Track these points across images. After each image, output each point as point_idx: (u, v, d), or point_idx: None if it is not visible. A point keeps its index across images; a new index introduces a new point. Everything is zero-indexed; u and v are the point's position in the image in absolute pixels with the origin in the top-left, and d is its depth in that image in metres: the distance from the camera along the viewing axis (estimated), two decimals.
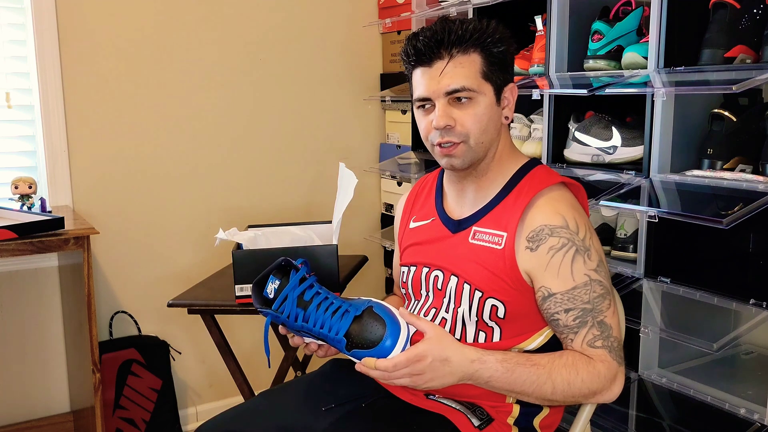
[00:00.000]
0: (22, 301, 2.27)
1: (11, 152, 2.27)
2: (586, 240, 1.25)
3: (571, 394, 1.22)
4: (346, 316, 1.20)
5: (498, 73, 1.28)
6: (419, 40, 1.26)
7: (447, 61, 1.24)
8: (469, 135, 1.26)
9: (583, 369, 1.22)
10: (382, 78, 2.77)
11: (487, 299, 1.28)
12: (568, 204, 1.27)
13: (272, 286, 1.25)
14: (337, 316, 1.20)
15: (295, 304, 1.23)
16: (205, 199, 2.50)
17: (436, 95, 1.26)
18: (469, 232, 1.33)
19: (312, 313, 1.22)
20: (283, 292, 1.24)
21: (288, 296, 1.23)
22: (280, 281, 1.26)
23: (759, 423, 1.43)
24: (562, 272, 1.23)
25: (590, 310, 1.23)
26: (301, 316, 1.22)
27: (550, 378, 1.20)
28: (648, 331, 1.62)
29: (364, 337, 1.18)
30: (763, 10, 1.50)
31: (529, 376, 1.20)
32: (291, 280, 1.24)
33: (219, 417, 1.37)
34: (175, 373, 2.47)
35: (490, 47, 1.26)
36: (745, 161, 1.55)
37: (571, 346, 1.25)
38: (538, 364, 1.21)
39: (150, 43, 2.35)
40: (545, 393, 1.21)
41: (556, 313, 1.24)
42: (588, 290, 1.23)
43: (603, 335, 1.23)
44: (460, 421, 1.27)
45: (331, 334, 1.20)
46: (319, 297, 1.23)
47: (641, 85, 1.61)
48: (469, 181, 1.34)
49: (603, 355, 1.23)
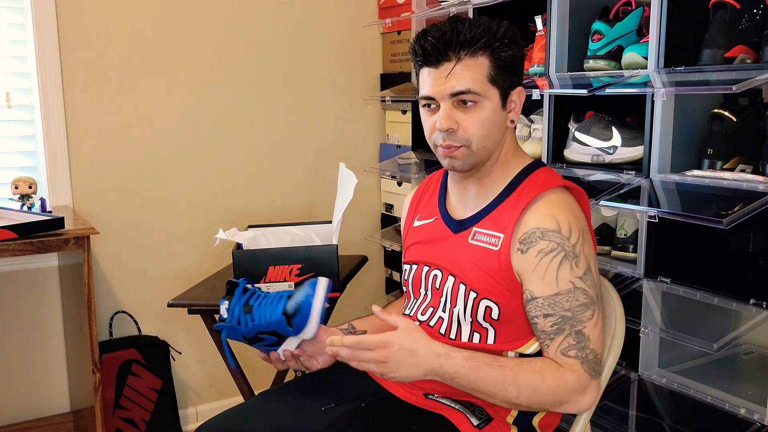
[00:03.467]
0: (22, 301, 2.27)
1: (11, 152, 2.27)
2: (577, 247, 1.23)
3: (536, 401, 1.21)
4: (280, 300, 1.29)
5: (505, 77, 1.27)
6: (427, 39, 1.25)
7: (454, 63, 1.24)
8: (471, 140, 1.26)
9: (550, 376, 1.20)
10: (382, 78, 2.77)
11: (481, 300, 1.28)
12: (566, 208, 1.26)
13: (223, 308, 1.33)
14: (275, 303, 1.29)
15: (242, 312, 1.31)
16: (205, 199, 2.50)
17: (441, 96, 1.25)
18: (470, 232, 1.32)
19: (255, 312, 1.30)
20: (231, 306, 1.32)
21: (235, 309, 1.31)
22: (229, 300, 1.33)
23: (759, 423, 1.43)
24: (547, 277, 1.22)
25: (569, 318, 1.22)
26: (249, 318, 1.30)
27: (515, 380, 1.19)
28: (648, 331, 1.62)
29: (297, 312, 1.27)
30: (763, 10, 1.49)
31: (495, 376, 1.18)
32: (235, 294, 1.33)
33: (219, 417, 1.37)
34: (175, 373, 2.47)
35: (498, 51, 1.25)
36: (745, 161, 1.55)
37: (546, 353, 1.25)
38: (504, 366, 1.20)
39: (150, 43, 2.35)
40: (510, 396, 1.20)
41: (536, 317, 1.24)
42: (570, 298, 1.22)
43: (578, 345, 1.22)
44: (459, 420, 1.27)
45: (273, 319, 1.28)
46: (260, 298, 1.32)
47: (641, 85, 1.61)
48: (472, 182, 1.34)
49: (574, 365, 1.22)
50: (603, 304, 1.37)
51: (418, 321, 1.36)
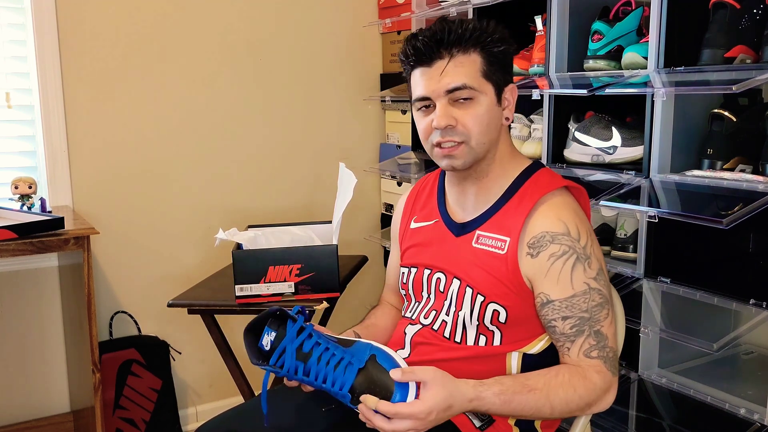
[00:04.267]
0: (22, 301, 2.27)
1: (11, 152, 2.27)
2: (587, 248, 1.24)
3: (569, 410, 1.22)
4: (349, 369, 1.14)
5: (498, 73, 1.27)
6: (419, 39, 1.25)
7: (447, 60, 1.24)
8: (471, 135, 1.26)
9: (581, 386, 1.21)
10: (382, 78, 2.77)
11: (489, 304, 1.28)
12: (571, 210, 1.27)
13: (268, 338, 1.18)
14: (340, 370, 1.14)
15: (294, 357, 1.16)
16: (205, 199, 2.50)
17: (437, 95, 1.25)
18: (473, 236, 1.32)
19: (313, 366, 1.16)
20: (281, 344, 1.17)
21: (286, 349, 1.17)
22: (277, 332, 1.19)
23: (759, 423, 1.43)
24: (561, 279, 1.23)
25: (588, 319, 1.23)
26: (302, 368, 1.17)
27: (548, 401, 1.19)
28: (648, 331, 1.62)
29: (371, 392, 1.12)
30: (763, 10, 1.49)
31: (527, 402, 1.18)
32: (288, 332, 1.17)
33: (219, 417, 1.37)
34: (175, 373, 2.47)
35: (490, 47, 1.26)
36: (745, 161, 1.55)
37: (567, 355, 1.24)
38: (534, 389, 1.18)
39: (150, 43, 2.35)
40: (544, 414, 1.20)
41: (554, 320, 1.24)
42: (587, 299, 1.23)
43: (599, 345, 1.23)
44: (461, 422, 1.27)
45: (335, 389, 1.14)
46: (319, 348, 1.17)
47: (641, 85, 1.61)
48: (470, 183, 1.34)
49: (598, 366, 1.22)
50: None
51: (421, 324, 1.36)
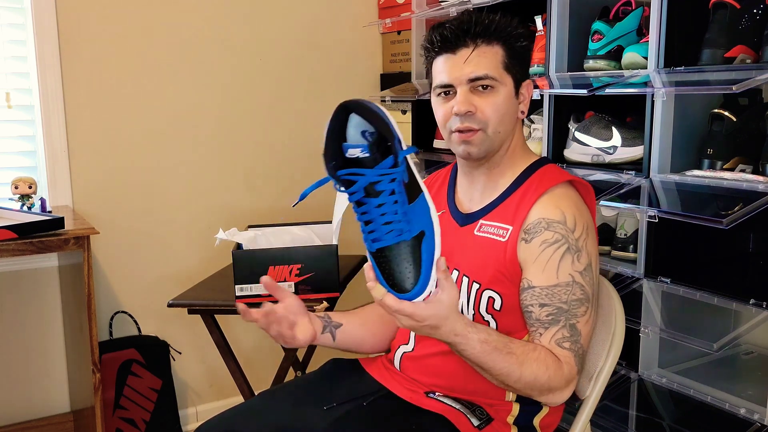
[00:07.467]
0: (22, 301, 2.27)
1: (11, 152, 2.27)
2: (580, 240, 1.25)
3: (530, 387, 1.21)
4: (392, 234, 1.07)
5: (518, 67, 1.31)
6: (445, 27, 1.29)
7: (472, 49, 1.27)
8: (488, 123, 1.29)
9: (552, 368, 1.21)
10: (382, 78, 2.77)
11: (484, 291, 1.29)
12: (572, 202, 1.29)
13: (358, 150, 1.06)
14: (386, 228, 1.07)
15: (362, 186, 1.07)
16: (205, 199, 2.50)
17: (459, 82, 1.28)
18: (476, 225, 1.34)
19: (370, 209, 1.07)
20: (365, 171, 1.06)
21: (366, 176, 1.06)
22: (369, 155, 1.06)
23: (759, 423, 1.43)
24: (548, 268, 1.24)
25: (565, 311, 1.23)
26: (359, 200, 1.08)
27: (520, 369, 1.19)
28: (648, 331, 1.62)
29: (393, 268, 1.07)
30: (763, 10, 1.50)
31: (502, 362, 1.18)
32: (382, 162, 1.05)
33: (219, 417, 1.37)
34: (175, 373, 2.47)
35: (512, 41, 1.30)
36: (745, 161, 1.55)
37: (538, 340, 1.25)
38: (512, 353, 1.19)
39: (150, 44, 2.35)
40: (509, 381, 1.19)
41: (531, 306, 1.25)
42: (568, 291, 1.24)
43: (572, 338, 1.23)
44: (459, 420, 1.27)
45: (367, 236, 1.08)
46: (387, 198, 1.06)
47: (641, 85, 1.61)
48: (481, 172, 1.36)
49: (568, 357, 1.23)
50: (599, 304, 1.38)
51: None
